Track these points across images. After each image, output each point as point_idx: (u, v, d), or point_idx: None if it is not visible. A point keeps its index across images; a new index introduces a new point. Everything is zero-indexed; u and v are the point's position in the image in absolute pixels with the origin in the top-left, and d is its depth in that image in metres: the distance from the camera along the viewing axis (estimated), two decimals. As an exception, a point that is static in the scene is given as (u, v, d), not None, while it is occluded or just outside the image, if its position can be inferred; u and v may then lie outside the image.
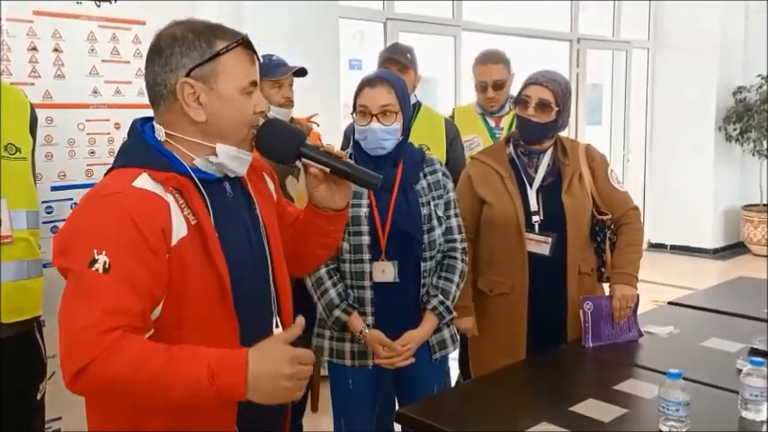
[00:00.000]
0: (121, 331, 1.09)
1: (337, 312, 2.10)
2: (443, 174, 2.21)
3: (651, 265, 2.91)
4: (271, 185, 1.53)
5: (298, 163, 1.42)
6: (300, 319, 1.22)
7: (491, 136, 3.07)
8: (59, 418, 2.44)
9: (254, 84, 1.31)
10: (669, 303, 2.81)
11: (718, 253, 7.21)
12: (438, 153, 2.86)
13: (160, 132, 1.29)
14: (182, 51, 1.25)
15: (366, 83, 2.09)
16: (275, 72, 2.63)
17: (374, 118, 2.05)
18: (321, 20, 4.09)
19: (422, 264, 2.12)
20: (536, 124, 2.31)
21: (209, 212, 1.27)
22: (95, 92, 2.54)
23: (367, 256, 2.09)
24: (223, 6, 3.41)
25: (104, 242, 1.13)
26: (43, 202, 2.30)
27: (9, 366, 1.83)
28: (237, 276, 1.29)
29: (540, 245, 2.32)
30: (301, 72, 2.69)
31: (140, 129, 1.32)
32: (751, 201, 7.16)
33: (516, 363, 2.22)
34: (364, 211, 2.09)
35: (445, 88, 5.69)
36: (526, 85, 2.35)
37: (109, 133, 2.58)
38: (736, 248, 7.31)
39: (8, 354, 1.83)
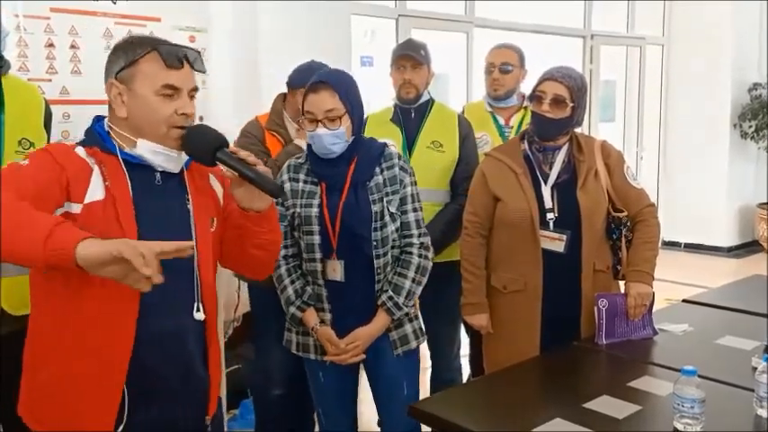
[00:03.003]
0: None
1: (292, 309, 2.15)
2: (401, 168, 2.16)
3: (665, 263, 2.88)
4: (218, 189, 1.67)
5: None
6: (185, 244, 1.32)
7: (500, 134, 3.05)
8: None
9: (171, 87, 1.49)
10: (683, 301, 2.80)
11: (732, 251, 7.15)
12: (451, 150, 2.86)
13: (105, 124, 1.56)
14: (113, 60, 1.52)
15: (309, 88, 2.06)
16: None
17: (320, 123, 2.03)
18: (333, 17, 4.08)
19: (375, 261, 2.11)
20: (550, 120, 2.30)
21: (127, 186, 1.48)
22: (111, 88, 2.56)
23: (318, 255, 2.10)
24: (236, 4, 3.43)
25: (29, 158, 1.46)
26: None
27: (20, 358, 1.85)
28: None
29: (555, 242, 2.31)
30: None
31: (94, 121, 1.58)
32: (766, 199, 7.10)
33: (530, 359, 2.22)
34: (315, 210, 2.10)
35: (457, 85, 5.68)
36: (541, 80, 2.34)
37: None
38: (750, 247, 7.25)
39: (19, 346, 1.84)
